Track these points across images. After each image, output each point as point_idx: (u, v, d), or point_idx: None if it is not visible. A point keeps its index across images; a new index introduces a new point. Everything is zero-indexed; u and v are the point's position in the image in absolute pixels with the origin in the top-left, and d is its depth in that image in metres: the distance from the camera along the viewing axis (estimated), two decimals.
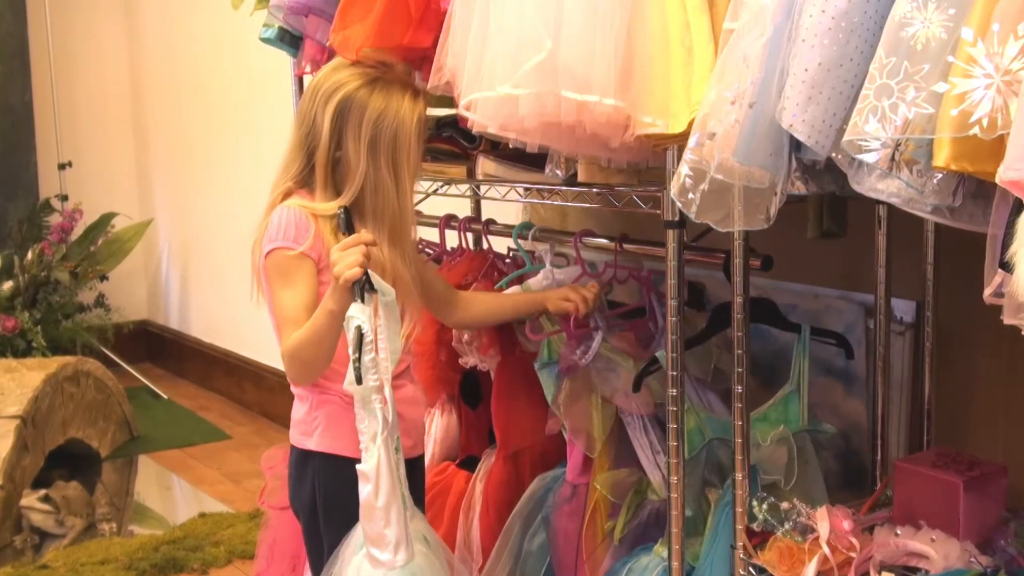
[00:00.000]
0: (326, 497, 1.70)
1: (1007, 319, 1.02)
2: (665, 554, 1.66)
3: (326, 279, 1.60)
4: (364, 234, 1.57)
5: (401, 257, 1.67)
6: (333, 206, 1.64)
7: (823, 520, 1.48)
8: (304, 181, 1.69)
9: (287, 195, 1.69)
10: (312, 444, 1.71)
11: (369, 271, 1.55)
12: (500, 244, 2.25)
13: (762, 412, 1.72)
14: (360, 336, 1.49)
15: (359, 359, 1.49)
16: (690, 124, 1.30)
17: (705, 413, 1.74)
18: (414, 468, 1.75)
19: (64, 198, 4.64)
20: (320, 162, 1.65)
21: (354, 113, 1.63)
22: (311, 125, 1.67)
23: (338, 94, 1.64)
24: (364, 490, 1.53)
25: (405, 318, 1.69)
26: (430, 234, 2.31)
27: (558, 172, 1.82)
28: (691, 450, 1.67)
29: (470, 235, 2.23)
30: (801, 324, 1.77)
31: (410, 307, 1.71)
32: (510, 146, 1.67)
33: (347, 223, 1.61)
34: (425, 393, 1.90)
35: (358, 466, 1.53)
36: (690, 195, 1.26)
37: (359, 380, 1.48)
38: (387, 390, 1.55)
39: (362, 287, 1.51)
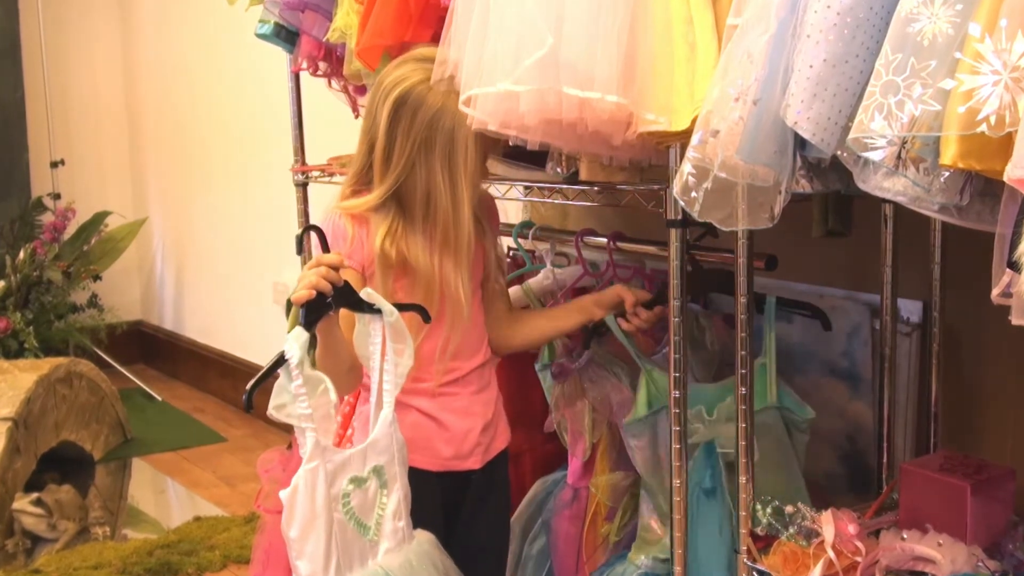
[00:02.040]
0: None
1: (1015, 319, 1.02)
2: (639, 560, 1.66)
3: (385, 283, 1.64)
4: (332, 255, 1.55)
5: (454, 266, 1.65)
6: (365, 202, 1.63)
7: (828, 524, 1.48)
8: (367, 179, 1.67)
9: (351, 195, 1.68)
10: None
11: (371, 291, 1.55)
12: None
13: (726, 384, 1.71)
14: (277, 362, 1.47)
15: (256, 384, 1.47)
16: (693, 121, 1.30)
17: (657, 372, 1.74)
18: (468, 480, 1.75)
19: (57, 196, 4.65)
20: (376, 159, 1.63)
21: (409, 109, 1.60)
22: (372, 121, 1.64)
23: (397, 89, 1.61)
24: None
25: (433, 331, 1.67)
26: None
27: (559, 170, 1.83)
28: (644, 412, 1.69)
29: None
30: (766, 295, 1.76)
31: (454, 318, 1.68)
32: (510, 143, 1.67)
33: (322, 242, 1.60)
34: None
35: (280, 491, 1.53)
36: (693, 193, 1.26)
37: (247, 406, 1.47)
38: (387, 410, 1.56)
39: (310, 310, 1.49)
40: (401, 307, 1.59)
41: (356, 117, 2.41)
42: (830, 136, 1.11)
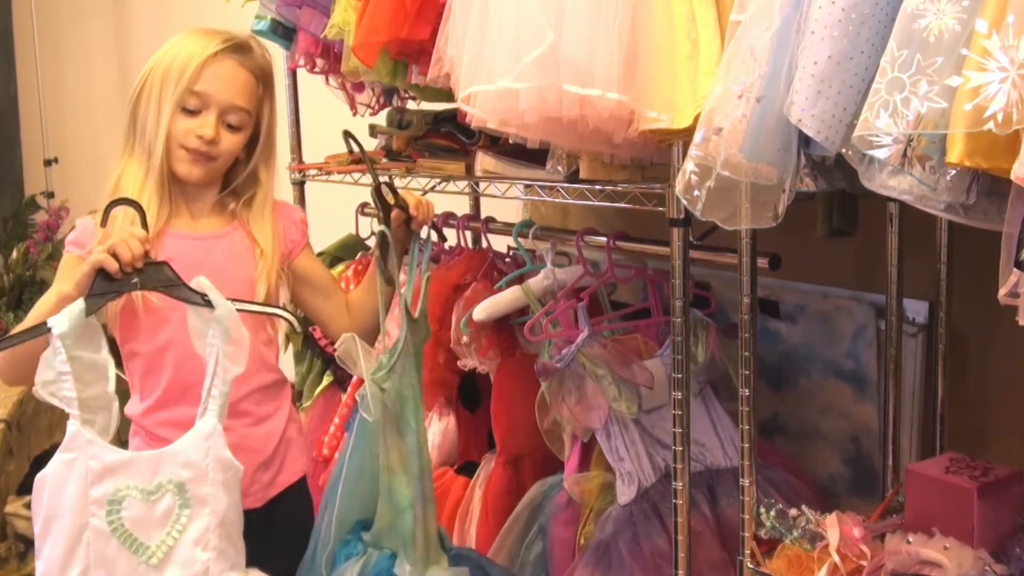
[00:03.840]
0: None
1: (1022, 320, 1.02)
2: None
3: None
4: (141, 232, 1.54)
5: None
6: None
7: (833, 527, 1.48)
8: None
9: None
10: None
11: (204, 279, 1.52)
12: (500, 243, 2.25)
13: None
14: (36, 328, 1.42)
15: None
16: (695, 119, 1.30)
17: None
18: (248, 520, 1.60)
19: (50, 195, 4.65)
20: None
21: None
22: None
23: None
24: None
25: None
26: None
27: (559, 168, 1.82)
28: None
29: (469, 233, 2.23)
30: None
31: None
32: (510, 142, 1.67)
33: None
34: (306, 436, 1.86)
35: None
36: (695, 192, 1.26)
37: None
38: (205, 422, 1.48)
39: (104, 281, 1.45)
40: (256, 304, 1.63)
41: (354, 115, 2.41)
42: (835, 134, 1.11)
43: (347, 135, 1.97)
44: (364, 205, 2.49)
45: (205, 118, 1.66)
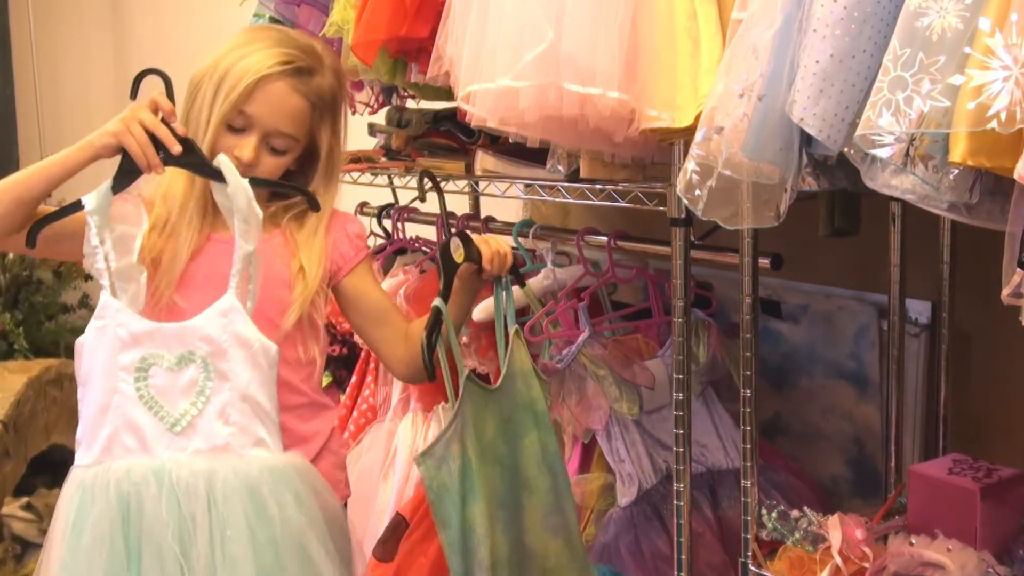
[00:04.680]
0: None
1: None
2: None
3: None
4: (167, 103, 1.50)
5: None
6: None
7: (835, 529, 1.48)
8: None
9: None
10: None
11: (225, 158, 1.48)
12: None
13: None
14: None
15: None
16: (697, 118, 1.30)
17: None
18: None
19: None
20: None
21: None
22: None
23: None
24: None
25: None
26: (428, 232, 2.31)
27: (560, 168, 1.82)
28: None
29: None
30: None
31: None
32: (510, 141, 1.67)
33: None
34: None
35: None
36: (697, 191, 1.26)
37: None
38: (225, 299, 1.48)
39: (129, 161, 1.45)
40: (268, 183, 1.57)
41: (353, 113, 2.40)
42: (837, 133, 1.11)
43: (424, 176, 1.78)
44: (363, 204, 2.49)
45: (247, 139, 1.58)
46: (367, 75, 2.00)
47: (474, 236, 1.64)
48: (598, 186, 1.72)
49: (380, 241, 2.39)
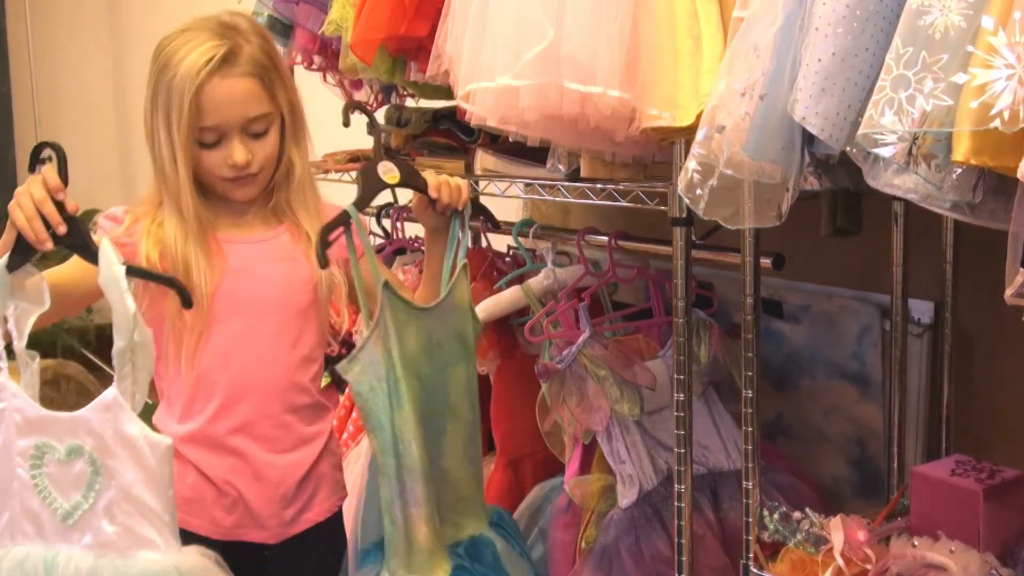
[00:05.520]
0: None
1: None
2: None
3: None
4: (55, 177, 1.46)
5: (196, 257, 1.56)
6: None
7: (837, 531, 1.48)
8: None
9: None
10: None
11: (108, 240, 1.43)
12: (499, 242, 2.25)
13: None
14: None
15: None
16: (698, 117, 1.30)
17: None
18: (262, 555, 1.59)
19: None
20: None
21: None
22: None
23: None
24: None
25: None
26: None
27: (560, 167, 1.82)
28: None
29: (468, 233, 2.23)
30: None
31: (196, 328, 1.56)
32: (510, 140, 1.67)
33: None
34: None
35: None
36: (698, 191, 1.26)
37: None
38: (107, 393, 1.42)
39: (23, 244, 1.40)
40: (144, 274, 1.49)
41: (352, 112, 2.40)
42: (839, 132, 1.11)
43: (353, 108, 1.79)
44: None
45: (228, 145, 1.55)
46: (366, 73, 2.01)
47: (426, 173, 1.63)
48: (599, 185, 1.72)
49: (379, 241, 2.39)
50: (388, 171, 1.60)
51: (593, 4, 1.38)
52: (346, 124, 1.83)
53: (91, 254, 1.43)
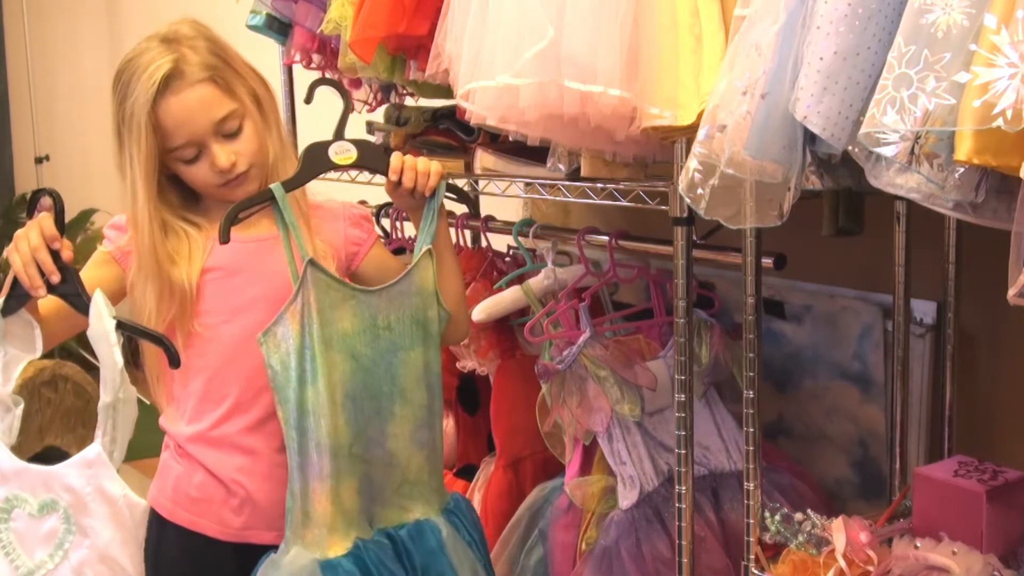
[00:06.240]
0: None
1: None
2: None
3: None
4: (50, 225, 1.45)
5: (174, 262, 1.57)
6: None
7: (839, 532, 1.48)
8: None
9: None
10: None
11: (100, 293, 1.43)
12: (499, 242, 2.25)
13: None
14: None
15: None
16: (699, 116, 1.30)
17: None
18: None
19: None
20: None
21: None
22: None
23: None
24: None
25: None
26: None
27: (560, 166, 1.83)
28: None
29: (468, 232, 2.23)
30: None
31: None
32: (510, 139, 1.67)
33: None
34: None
35: None
36: (699, 190, 1.26)
37: None
38: (90, 449, 1.41)
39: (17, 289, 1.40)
40: (134, 330, 1.45)
41: (351, 111, 2.41)
42: (841, 131, 1.11)
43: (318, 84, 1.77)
44: (361, 203, 2.49)
45: (208, 154, 1.56)
46: (365, 72, 2.00)
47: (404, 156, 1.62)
48: (599, 185, 1.72)
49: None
50: (343, 151, 1.58)
51: (593, 2, 1.38)
52: (307, 101, 1.88)
53: (83, 305, 1.42)
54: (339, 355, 1.55)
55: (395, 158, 1.61)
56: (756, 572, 1.53)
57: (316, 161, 1.58)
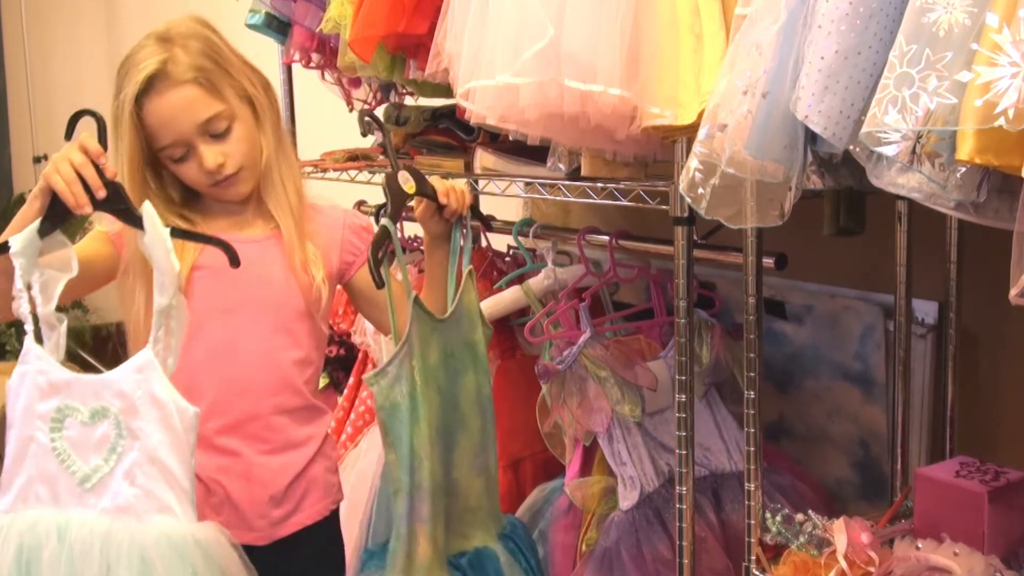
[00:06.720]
0: None
1: None
2: None
3: None
4: (94, 144, 1.43)
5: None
6: None
7: (840, 533, 1.48)
8: None
9: None
10: None
11: (149, 205, 1.42)
12: (499, 242, 2.25)
13: None
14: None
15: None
16: (700, 115, 1.30)
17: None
18: (251, 557, 1.52)
19: None
20: None
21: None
22: None
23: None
24: None
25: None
26: None
27: (560, 166, 1.83)
28: None
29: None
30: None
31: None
32: (510, 138, 1.67)
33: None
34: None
35: None
36: (700, 190, 1.26)
37: None
38: (141, 355, 1.41)
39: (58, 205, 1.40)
40: (190, 235, 1.51)
41: (351, 111, 2.41)
42: (842, 130, 1.11)
43: (365, 115, 1.76)
44: (361, 203, 2.49)
45: (196, 154, 1.56)
46: (364, 71, 2.01)
47: (432, 179, 1.64)
48: (599, 184, 1.72)
49: None
50: (405, 181, 1.61)
51: (594, 1, 1.38)
52: (364, 134, 1.84)
53: (135, 217, 1.43)
54: (432, 391, 1.54)
55: (437, 182, 1.62)
56: (757, 573, 1.53)
57: (399, 195, 1.59)
